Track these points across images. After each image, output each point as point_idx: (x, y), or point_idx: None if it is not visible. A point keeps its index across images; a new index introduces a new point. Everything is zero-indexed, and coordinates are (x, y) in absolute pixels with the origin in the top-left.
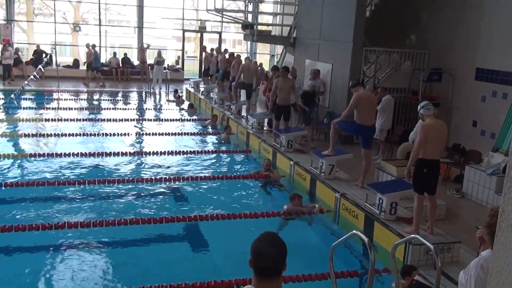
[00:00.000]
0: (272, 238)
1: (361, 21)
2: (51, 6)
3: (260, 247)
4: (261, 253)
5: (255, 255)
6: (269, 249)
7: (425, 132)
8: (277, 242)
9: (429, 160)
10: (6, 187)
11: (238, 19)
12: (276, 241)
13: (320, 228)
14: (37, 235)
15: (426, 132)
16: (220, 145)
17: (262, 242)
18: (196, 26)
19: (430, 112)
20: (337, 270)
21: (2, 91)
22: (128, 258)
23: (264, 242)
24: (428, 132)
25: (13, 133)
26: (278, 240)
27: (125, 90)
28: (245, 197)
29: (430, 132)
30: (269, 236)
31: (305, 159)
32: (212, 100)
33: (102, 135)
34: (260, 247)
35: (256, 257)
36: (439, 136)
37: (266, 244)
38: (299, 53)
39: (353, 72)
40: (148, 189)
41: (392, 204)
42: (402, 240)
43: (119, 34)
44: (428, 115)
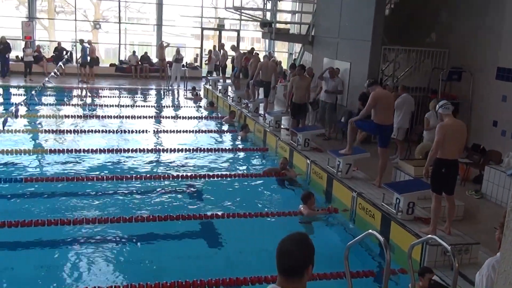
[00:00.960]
0: (297, 238)
1: (380, 20)
2: (72, 3)
3: (283, 246)
4: (283, 252)
5: (278, 254)
6: (287, 248)
7: (443, 132)
8: (298, 241)
9: (447, 160)
10: (26, 182)
11: (256, 17)
12: (297, 240)
13: (336, 227)
14: (55, 230)
15: (444, 131)
16: (237, 143)
17: (284, 241)
18: (215, 24)
19: (449, 111)
20: (353, 269)
21: (24, 87)
22: (145, 254)
23: (288, 242)
24: (446, 132)
25: (34, 129)
26: (300, 240)
27: (144, 87)
28: (261, 195)
29: (449, 132)
30: (294, 236)
31: (322, 157)
32: (229, 98)
33: (121, 132)
34: (283, 247)
35: (278, 256)
36: (458, 136)
37: (290, 244)
38: (317, 52)
39: (372, 70)
40: (165, 186)
41: (409, 204)
42: (419, 240)
43: (138, 31)
44: (446, 115)
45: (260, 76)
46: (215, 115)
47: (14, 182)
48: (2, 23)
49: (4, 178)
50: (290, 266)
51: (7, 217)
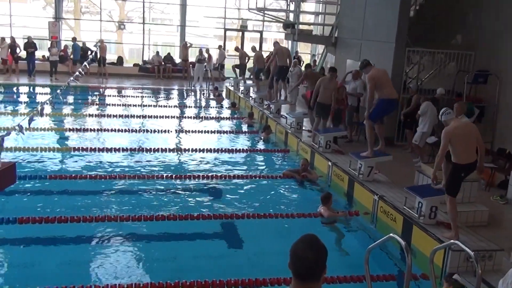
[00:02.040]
0: (311, 241)
1: (405, 21)
2: (98, 4)
3: (298, 250)
4: (298, 256)
5: (294, 259)
6: (306, 252)
7: (448, 137)
8: (315, 245)
9: (465, 164)
10: (50, 179)
11: (279, 18)
12: (314, 244)
13: (357, 230)
14: (78, 227)
15: (449, 136)
16: (258, 144)
17: (300, 245)
18: (238, 25)
19: (452, 116)
20: (373, 273)
21: (49, 86)
22: (165, 253)
23: (302, 245)
24: (452, 137)
25: (58, 128)
26: (317, 243)
27: (166, 87)
28: (281, 196)
29: (454, 136)
30: (307, 239)
31: (343, 160)
32: (251, 99)
33: (143, 131)
34: (298, 250)
35: (294, 261)
36: (466, 137)
37: (304, 247)
38: (340, 53)
39: (395, 72)
40: (186, 186)
41: (432, 208)
42: (441, 245)
43: (162, 32)
44: (450, 119)
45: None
46: (237, 115)
47: (39, 179)
48: (29, 23)
49: (29, 175)
50: (307, 270)
51: (32, 213)
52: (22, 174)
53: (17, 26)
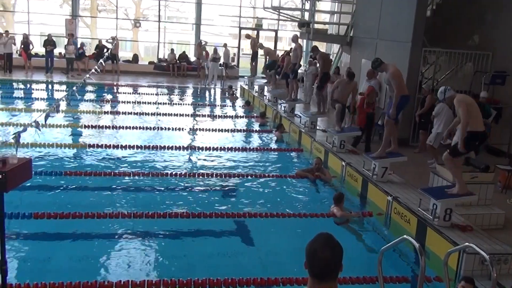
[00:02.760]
0: (327, 240)
1: (421, 21)
2: (114, 2)
3: (315, 249)
4: (315, 255)
5: (309, 257)
6: (323, 251)
7: (464, 103)
8: (331, 243)
9: (480, 132)
10: (66, 176)
11: (294, 17)
12: (330, 242)
13: (371, 231)
14: (92, 223)
15: (466, 101)
16: (271, 143)
17: (316, 244)
18: (253, 24)
19: (453, 92)
20: (386, 274)
21: (66, 83)
22: (177, 251)
23: (318, 244)
24: (467, 102)
25: (74, 124)
26: (333, 242)
27: (181, 85)
28: (294, 196)
29: (468, 102)
30: (323, 238)
31: (357, 160)
32: (265, 97)
33: (157, 129)
34: (314, 249)
35: (310, 260)
36: (476, 106)
37: (321, 246)
38: (355, 53)
39: (411, 73)
40: (199, 184)
41: (446, 211)
42: (456, 248)
43: (177, 30)
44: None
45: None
46: (251, 114)
47: (54, 175)
48: (47, 20)
49: (45, 171)
50: (325, 269)
51: (47, 208)
52: (38, 170)
53: (34, 23)
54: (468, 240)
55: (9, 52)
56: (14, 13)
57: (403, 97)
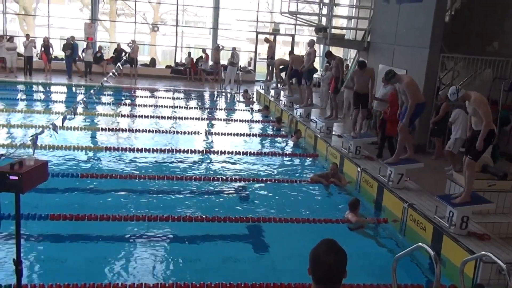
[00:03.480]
0: (331, 246)
1: (440, 26)
2: (132, 6)
3: (318, 255)
4: (319, 261)
5: (314, 263)
6: (327, 257)
7: (484, 102)
8: (335, 249)
9: (493, 130)
10: (82, 178)
11: (312, 22)
12: (334, 248)
13: (385, 238)
14: (107, 225)
15: (484, 101)
16: (287, 148)
17: (320, 249)
18: (270, 29)
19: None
20: (401, 282)
21: (84, 86)
22: (191, 254)
23: (322, 249)
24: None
25: (91, 127)
26: (337, 248)
27: (197, 89)
28: (309, 201)
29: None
30: (327, 244)
31: (373, 166)
32: (281, 102)
33: (173, 132)
34: (318, 255)
35: (314, 265)
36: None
37: (324, 252)
38: (372, 58)
39: (429, 78)
40: (213, 188)
41: (463, 218)
42: (472, 256)
43: (195, 34)
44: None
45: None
46: (268, 119)
47: (71, 177)
48: (66, 24)
49: (62, 173)
50: (328, 274)
51: (63, 210)
52: (55, 172)
53: (54, 27)
54: (485, 248)
55: (30, 55)
56: (35, 17)
57: (418, 105)
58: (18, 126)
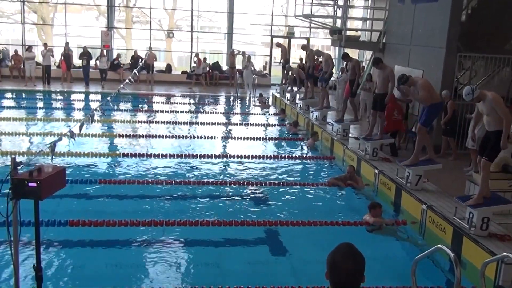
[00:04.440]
0: (348, 250)
1: (456, 26)
2: (148, 14)
3: (336, 259)
4: (337, 266)
5: (331, 268)
6: (345, 262)
7: (502, 101)
8: (353, 254)
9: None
10: (100, 184)
11: (326, 24)
12: (352, 253)
13: (404, 240)
14: (125, 231)
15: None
16: (304, 151)
17: (337, 254)
18: (285, 32)
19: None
20: (421, 284)
21: (100, 93)
22: (208, 259)
23: (340, 254)
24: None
25: (108, 133)
26: (355, 252)
27: (213, 94)
28: (326, 204)
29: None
30: (345, 248)
31: (390, 168)
32: (297, 105)
33: (190, 137)
34: (336, 260)
35: (332, 270)
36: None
37: (342, 256)
38: (388, 59)
39: (446, 78)
40: (231, 192)
41: (483, 219)
42: (493, 258)
43: (210, 40)
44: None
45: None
46: (284, 122)
47: (89, 183)
48: (83, 32)
49: (80, 179)
50: (348, 280)
51: (82, 216)
52: (74, 179)
53: (72, 35)
54: (506, 250)
55: (48, 64)
56: (52, 26)
57: (434, 105)
58: (37, 134)
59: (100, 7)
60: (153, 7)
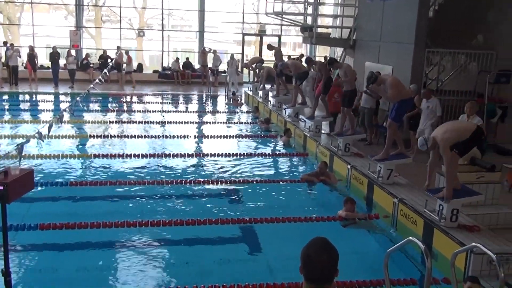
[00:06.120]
0: (322, 244)
1: (424, 22)
2: (118, 12)
3: (310, 253)
4: (311, 260)
5: (306, 262)
6: (319, 255)
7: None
8: (327, 248)
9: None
10: (71, 186)
11: (297, 22)
12: (326, 246)
13: (377, 234)
14: (98, 233)
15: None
16: (277, 148)
17: (311, 249)
18: (256, 30)
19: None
20: (394, 277)
21: (70, 94)
22: (184, 258)
23: (314, 248)
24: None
25: (79, 135)
26: (329, 246)
27: (185, 93)
28: (300, 200)
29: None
30: (319, 242)
31: (362, 163)
32: (270, 103)
33: (162, 137)
34: (310, 254)
35: (306, 264)
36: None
37: (316, 250)
38: (358, 56)
39: (415, 74)
40: (205, 191)
41: (453, 211)
42: (462, 248)
43: (181, 38)
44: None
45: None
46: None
47: (60, 186)
48: (52, 32)
49: (50, 182)
50: (322, 273)
51: (53, 219)
52: (44, 181)
53: (39, 36)
54: (475, 240)
55: (15, 65)
56: (19, 26)
57: (404, 100)
58: (4, 137)
59: (69, 6)
60: (123, 5)
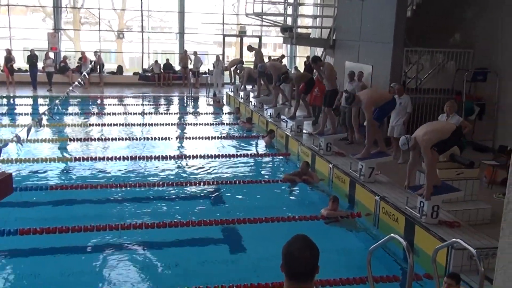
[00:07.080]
0: (303, 241)
1: (402, 21)
2: (97, 14)
3: (291, 251)
4: (292, 257)
5: (288, 260)
6: (302, 251)
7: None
8: (308, 245)
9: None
10: (52, 190)
11: (277, 22)
12: (307, 244)
13: (360, 232)
14: (80, 237)
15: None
16: (259, 148)
17: (292, 245)
18: (237, 31)
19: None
20: (377, 274)
21: (49, 97)
22: (168, 260)
23: (296, 245)
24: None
25: (58, 138)
26: (309, 243)
27: (166, 95)
28: (283, 200)
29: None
30: (300, 239)
31: (344, 162)
32: (251, 104)
33: (143, 139)
34: (291, 251)
35: (287, 261)
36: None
37: (297, 247)
38: (338, 55)
39: (394, 73)
40: (187, 193)
41: (434, 208)
42: (443, 244)
43: (161, 40)
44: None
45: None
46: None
47: (39, 190)
48: (29, 35)
49: (30, 186)
50: (304, 269)
51: (33, 224)
52: (23, 185)
53: (17, 38)
54: (456, 236)
55: None
56: None
57: (387, 102)
58: None
59: (46, 8)
60: (101, 7)
